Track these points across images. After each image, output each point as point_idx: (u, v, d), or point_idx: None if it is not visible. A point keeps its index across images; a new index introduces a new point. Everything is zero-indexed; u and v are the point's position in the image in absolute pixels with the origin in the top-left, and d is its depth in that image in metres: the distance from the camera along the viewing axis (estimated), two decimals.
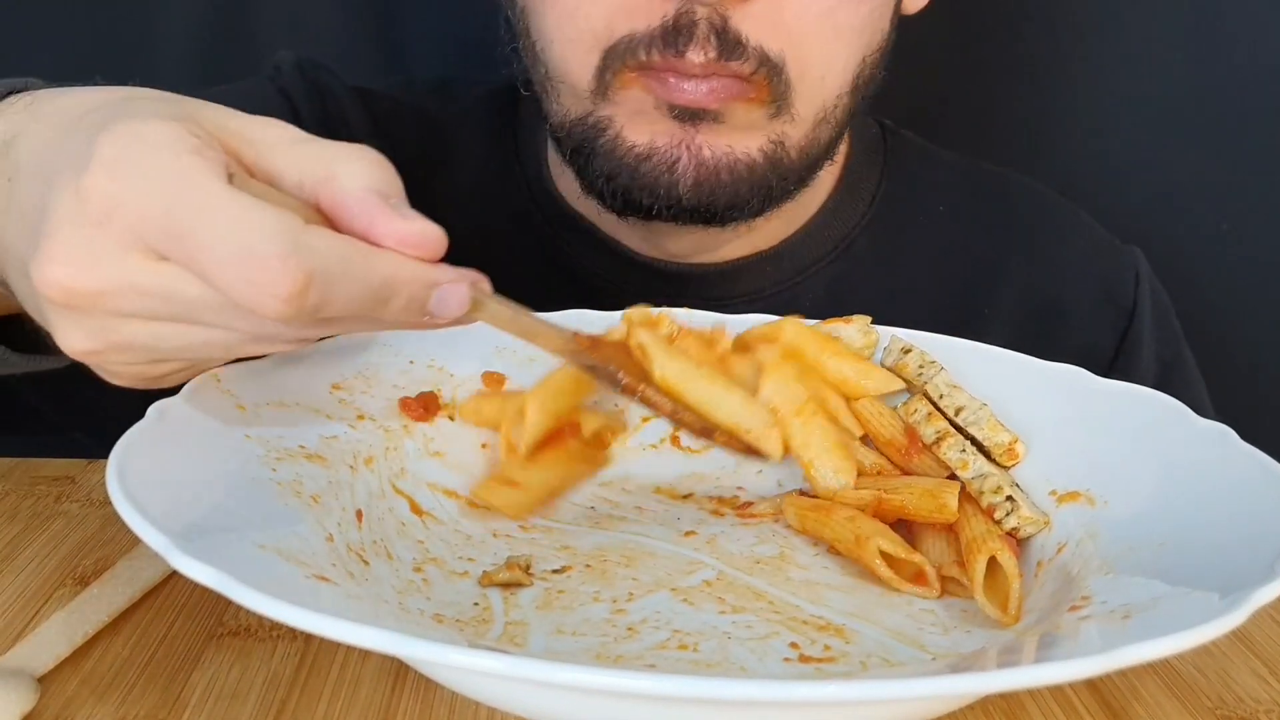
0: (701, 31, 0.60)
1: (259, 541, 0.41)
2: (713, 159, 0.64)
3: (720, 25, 0.60)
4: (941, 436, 0.54)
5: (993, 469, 0.53)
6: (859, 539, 0.50)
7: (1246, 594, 0.36)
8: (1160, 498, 0.48)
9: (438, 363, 0.58)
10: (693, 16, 0.60)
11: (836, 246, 0.78)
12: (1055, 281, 0.81)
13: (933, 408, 0.55)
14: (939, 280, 0.79)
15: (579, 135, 0.67)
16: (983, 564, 0.48)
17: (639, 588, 0.49)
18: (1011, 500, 0.51)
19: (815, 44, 0.63)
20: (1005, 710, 0.44)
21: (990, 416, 0.54)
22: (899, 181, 0.81)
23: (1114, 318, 0.81)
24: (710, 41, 0.60)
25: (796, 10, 0.62)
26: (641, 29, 0.61)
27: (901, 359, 0.57)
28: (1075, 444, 0.53)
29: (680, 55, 0.60)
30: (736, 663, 0.44)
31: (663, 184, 0.65)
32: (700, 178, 0.64)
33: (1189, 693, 0.46)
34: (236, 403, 0.49)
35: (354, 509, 0.49)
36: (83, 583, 0.50)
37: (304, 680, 0.44)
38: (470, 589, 0.48)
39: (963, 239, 0.81)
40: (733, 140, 0.64)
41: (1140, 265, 0.83)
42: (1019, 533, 0.51)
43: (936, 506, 0.51)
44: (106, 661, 0.45)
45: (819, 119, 0.66)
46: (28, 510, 0.57)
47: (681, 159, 0.64)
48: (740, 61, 0.61)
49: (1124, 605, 0.41)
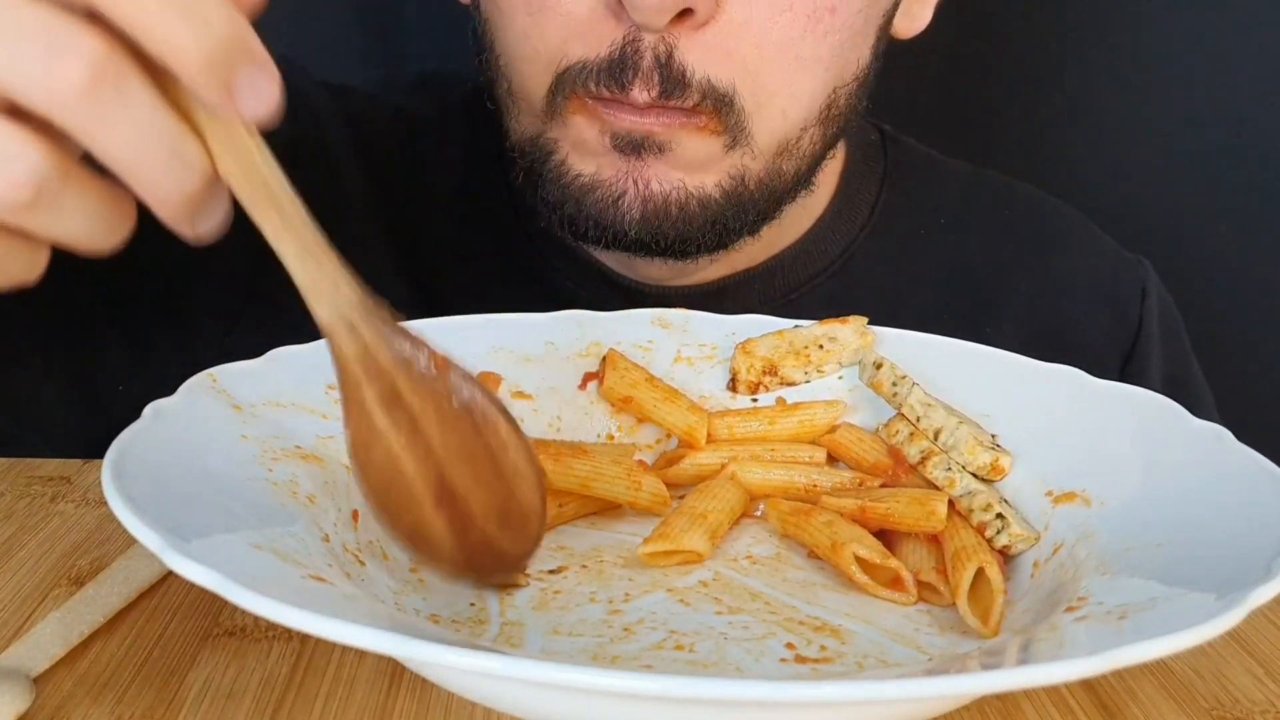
0: (646, 64, 0.58)
1: (255, 542, 0.41)
2: (661, 193, 0.62)
3: (665, 56, 0.58)
4: (927, 456, 0.53)
5: (981, 485, 0.52)
6: (835, 544, 0.50)
7: (1243, 594, 0.36)
8: (1157, 498, 0.48)
9: None
10: (639, 45, 0.58)
11: (834, 261, 0.76)
12: (1060, 293, 0.79)
13: (914, 428, 0.54)
14: (942, 293, 0.77)
15: (530, 155, 0.65)
16: (970, 574, 0.47)
17: (635, 588, 0.49)
18: (1002, 518, 0.50)
19: (773, 75, 0.61)
20: (1001, 711, 0.44)
21: (969, 436, 0.53)
22: (900, 191, 0.79)
23: (1120, 331, 0.80)
24: (653, 79, 0.58)
25: (753, 40, 0.59)
26: (592, 56, 0.59)
27: (875, 375, 0.56)
28: (1072, 444, 0.53)
29: (625, 91, 0.59)
30: (733, 663, 0.44)
31: (608, 217, 0.63)
32: (647, 212, 0.62)
33: (1185, 693, 0.46)
34: (232, 403, 0.49)
35: (350, 509, 0.49)
36: (78, 583, 0.50)
37: (300, 681, 0.44)
38: (467, 589, 0.48)
39: (967, 250, 0.79)
40: (687, 175, 0.62)
41: (1148, 278, 0.81)
42: (1010, 550, 0.50)
43: (924, 514, 0.51)
44: (102, 662, 0.45)
45: (780, 151, 0.64)
46: (23, 510, 0.57)
47: (628, 192, 0.62)
48: (683, 99, 0.59)
49: (1120, 606, 0.41)
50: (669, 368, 0.61)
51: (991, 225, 0.81)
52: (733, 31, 0.59)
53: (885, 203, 0.78)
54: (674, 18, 0.57)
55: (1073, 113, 0.99)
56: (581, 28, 0.59)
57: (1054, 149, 1.00)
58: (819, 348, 0.59)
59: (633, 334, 0.61)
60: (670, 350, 0.61)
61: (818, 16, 0.60)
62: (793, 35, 0.60)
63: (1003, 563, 0.49)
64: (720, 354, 0.61)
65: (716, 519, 0.52)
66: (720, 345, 0.61)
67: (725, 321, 0.62)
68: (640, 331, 0.61)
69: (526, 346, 0.60)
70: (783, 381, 0.60)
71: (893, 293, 0.76)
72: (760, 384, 0.60)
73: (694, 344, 0.61)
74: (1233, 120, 0.97)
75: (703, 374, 0.60)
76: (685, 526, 0.51)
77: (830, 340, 0.60)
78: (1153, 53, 0.98)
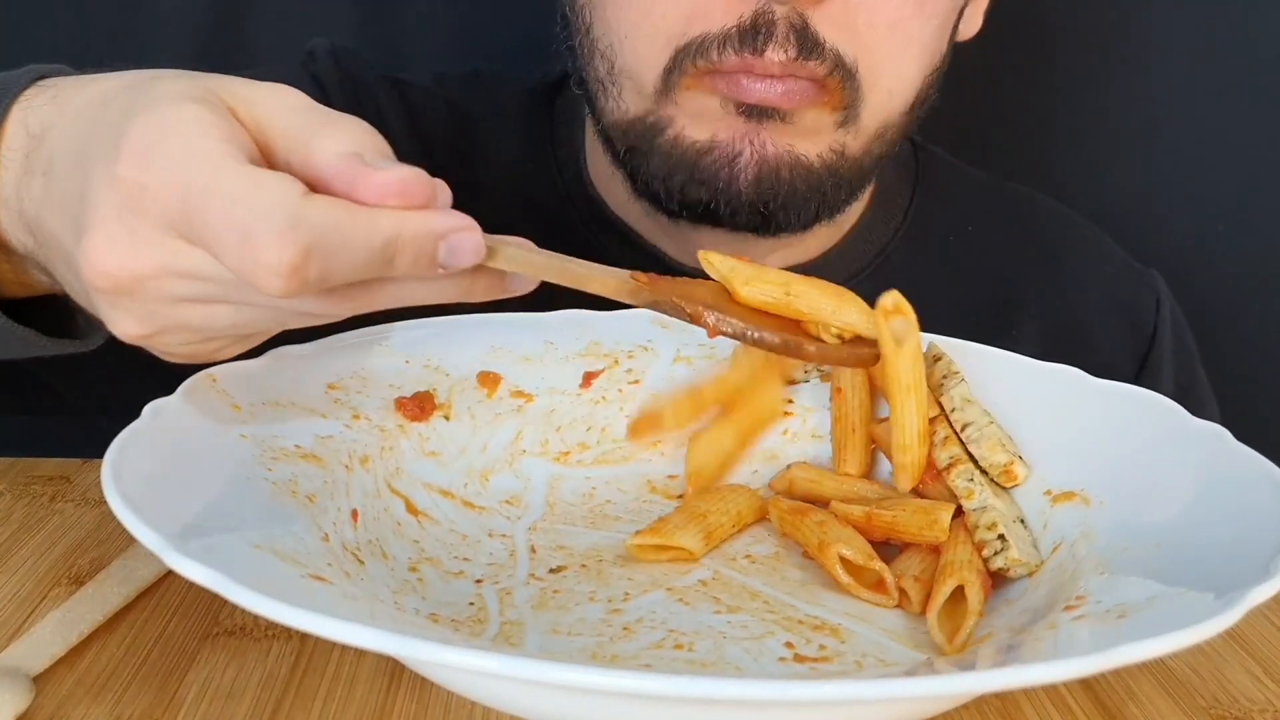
0: (781, 31, 0.60)
1: (254, 541, 0.41)
2: (775, 155, 0.64)
3: (800, 25, 0.60)
4: (954, 463, 0.53)
5: (998, 502, 0.51)
6: (822, 544, 0.50)
7: (1241, 594, 0.36)
8: (1155, 498, 0.48)
9: (433, 362, 0.58)
10: (771, 16, 0.60)
11: (873, 260, 0.78)
12: (1077, 303, 0.80)
13: (950, 431, 0.54)
14: (965, 299, 0.78)
15: (636, 133, 0.66)
16: (948, 589, 0.47)
17: (634, 587, 0.49)
18: (1003, 540, 0.49)
19: (885, 53, 0.63)
20: (1000, 710, 0.44)
21: (993, 435, 0.53)
22: (930, 197, 0.81)
23: (1135, 342, 0.81)
24: (790, 40, 0.60)
25: (868, 17, 0.62)
26: (716, 29, 0.61)
27: (932, 366, 0.56)
28: (1071, 444, 0.53)
29: (759, 54, 0.60)
30: (732, 662, 0.44)
31: (722, 178, 0.64)
32: (762, 173, 0.64)
33: (1184, 692, 0.46)
34: (232, 402, 0.49)
35: (349, 509, 0.49)
36: (78, 582, 0.50)
37: (299, 680, 0.44)
38: (466, 588, 0.48)
39: (989, 259, 0.80)
40: (795, 141, 0.64)
41: (1161, 290, 0.83)
42: (1007, 573, 0.49)
43: (928, 524, 0.51)
44: (102, 661, 0.45)
45: (878, 134, 0.66)
46: (23, 510, 0.57)
47: (744, 153, 0.64)
48: (818, 61, 0.61)
49: (1119, 605, 0.41)
50: (669, 367, 0.61)
51: (1015, 235, 0.82)
52: (851, 8, 0.61)
53: (917, 208, 0.80)
54: None
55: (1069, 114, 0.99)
56: (708, 3, 0.61)
57: (1053, 151, 1.00)
58: None
59: (632, 334, 0.61)
60: (669, 350, 0.61)
61: (922, 3, 0.63)
62: (904, 15, 0.63)
63: (988, 584, 0.48)
64: (719, 353, 0.61)
65: (716, 520, 0.52)
66: (719, 344, 0.61)
67: None
68: (639, 331, 0.61)
69: (526, 346, 0.60)
70: None
71: (924, 296, 0.75)
72: None
73: (693, 343, 0.61)
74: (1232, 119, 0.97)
75: (702, 374, 0.60)
76: (680, 524, 0.51)
77: None
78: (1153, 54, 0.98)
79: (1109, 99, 0.98)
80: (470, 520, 0.54)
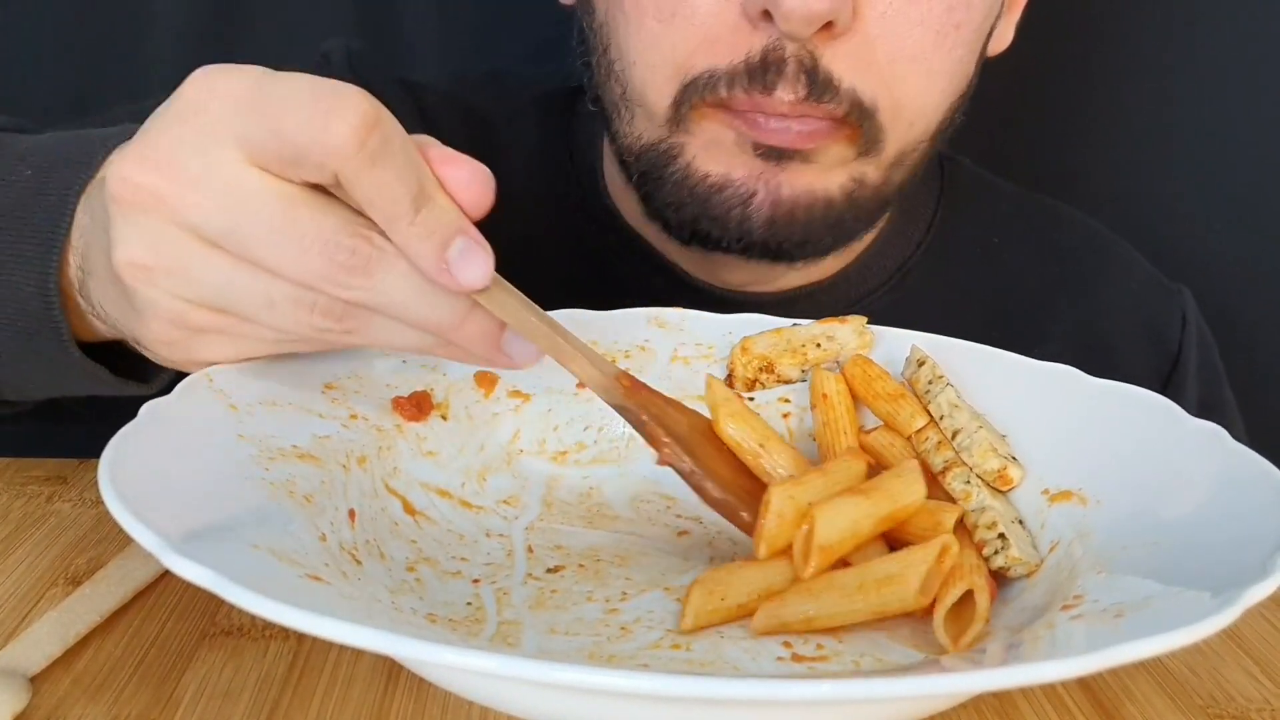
0: (790, 69, 0.58)
1: (252, 541, 0.41)
2: (790, 196, 0.62)
3: (810, 64, 0.58)
4: (949, 466, 0.53)
5: (996, 503, 0.51)
6: None
7: (1238, 593, 0.36)
8: (1152, 497, 0.48)
9: (431, 362, 0.58)
10: (782, 53, 0.58)
11: (893, 276, 0.77)
12: (1103, 319, 0.79)
13: (942, 436, 0.54)
14: (992, 312, 0.77)
15: (648, 160, 0.65)
16: (957, 593, 0.46)
17: (632, 587, 0.49)
18: (1003, 539, 0.49)
19: (906, 87, 0.61)
20: (997, 709, 0.44)
21: (983, 441, 0.53)
22: (955, 210, 0.79)
23: (1159, 359, 0.80)
24: (800, 80, 0.58)
25: (889, 52, 0.60)
26: (724, 64, 0.59)
27: (915, 372, 0.56)
28: (1068, 443, 0.53)
29: (768, 93, 0.58)
30: (729, 662, 0.44)
31: (734, 218, 0.63)
32: (776, 215, 0.62)
33: (1181, 691, 0.46)
34: (229, 403, 0.49)
35: (347, 509, 0.49)
36: (75, 582, 0.50)
37: (297, 680, 0.44)
38: (464, 588, 0.48)
39: (1015, 272, 0.79)
40: (813, 179, 0.62)
41: (1188, 306, 0.82)
42: (1007, 572, 0.49)
43: (932, 524, 0.50)
44: (99, 661, 0.45)
45: (896, 161, 0.65)
46: (19, 510, 0.57)
47: (759, 194, 0.62)
48: (833, 104, 0.59)
49: (1116, 604, 0.41)
50: (666, 367, 0.61)
51: (1040, 248, 0.81)
52: (869, 43, 0.59)
53: (941, 220, 0.79)
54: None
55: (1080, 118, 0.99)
56: (716, 37, 0.59)
57: (1061, 154, 1.00)
58: (816, 346, 0.59)
59: (629, 334, 0.61)
60: (667, 350, 0.61)
61: (945, 32, 0.61)
62: (925, 49, 0.61)
63: (994, 588, 0.47)
64: (717, 353, 0.61)
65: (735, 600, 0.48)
66: (717, 344, 0.61)
67: (722, 320, 0.62)
68: (637, 331, 0.61)
69: None
70: (779, 379, 0.60)
71: (945, 309, 0.76)
72: (757, 381, 0.60)
73: (690, 343, 0.61)
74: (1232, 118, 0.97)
75: (699, 374, 0.60)
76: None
77: (828, 339, 0.59)
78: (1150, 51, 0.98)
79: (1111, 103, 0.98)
80: (468, 520, 0.54)
